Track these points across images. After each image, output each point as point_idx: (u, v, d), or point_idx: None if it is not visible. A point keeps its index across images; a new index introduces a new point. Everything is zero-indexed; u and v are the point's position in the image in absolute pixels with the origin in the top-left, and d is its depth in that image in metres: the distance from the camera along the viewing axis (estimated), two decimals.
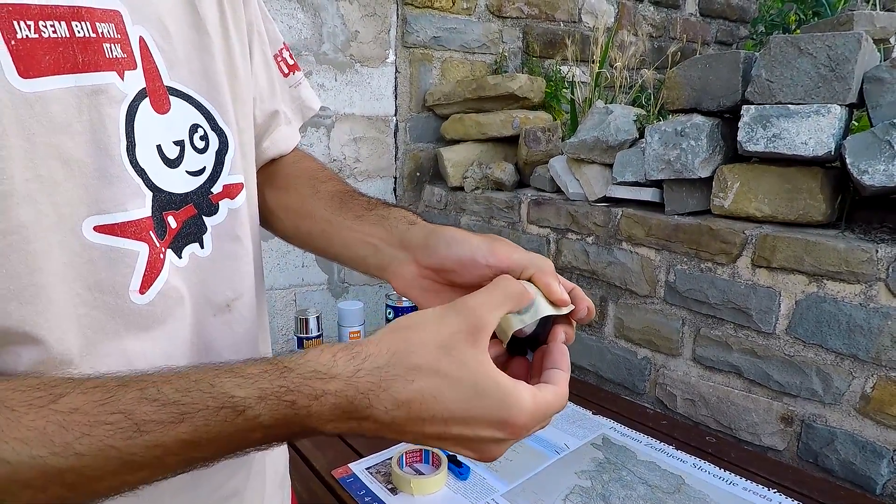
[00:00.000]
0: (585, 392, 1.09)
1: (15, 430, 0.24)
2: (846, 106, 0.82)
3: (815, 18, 1.56)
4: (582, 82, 1.58)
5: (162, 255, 0.33)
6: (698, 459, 0.84)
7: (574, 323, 0.38)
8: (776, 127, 0.85)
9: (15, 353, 0.28)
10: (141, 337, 0.32)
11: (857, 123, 0.99)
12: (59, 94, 0.27)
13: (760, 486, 0.78)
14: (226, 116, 0.38)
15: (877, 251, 0.77)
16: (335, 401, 0.27)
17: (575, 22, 1.87)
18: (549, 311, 0.36)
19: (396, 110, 1.59)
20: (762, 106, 0.87)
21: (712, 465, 0.83)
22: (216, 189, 0.38)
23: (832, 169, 0.88)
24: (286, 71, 0.50)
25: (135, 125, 0.32)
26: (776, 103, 0.86)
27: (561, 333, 0.37)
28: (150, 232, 0.33)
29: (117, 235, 0.31)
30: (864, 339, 0.79)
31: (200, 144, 0.37)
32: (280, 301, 1.50)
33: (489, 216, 1.40)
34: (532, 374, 0.36)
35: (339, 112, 1.50)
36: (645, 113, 1.17)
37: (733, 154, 0.97)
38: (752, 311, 0.90)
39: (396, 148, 1.61)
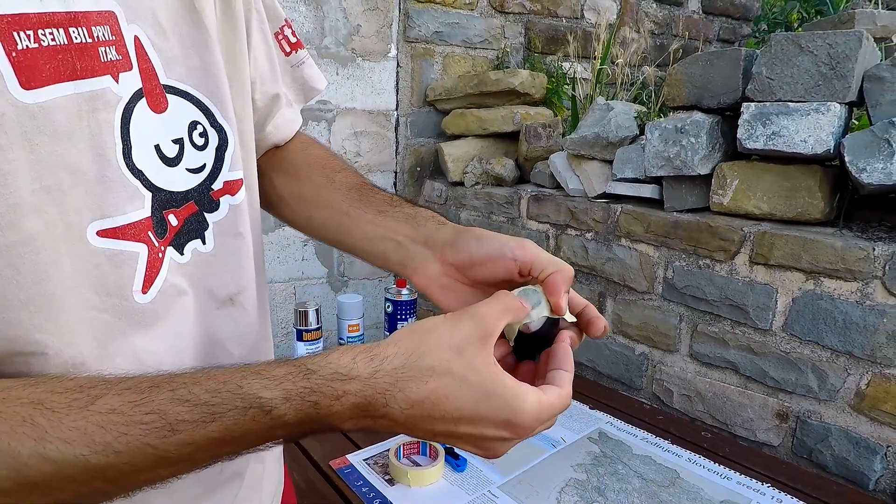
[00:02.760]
0: (583, 387, 1.09)
1: (58, 430, 0.25)
2: (846, 104, 0.83)
3: (818, 16, 1.56)
4: (583, 79, 1.58)
5: (160, 255, 0.34)
6: (693, 454, 0.85)
7: (583, 334, 0.40)
8: (776, 125, 0.86)
9: (25, 364, 0.28)
10: (147, 334, 0.33)
11: (857, 122, 0.99)
12: (60, 102, 0.27)
13: (754, 481, 0.78)
14: (225, 112, 0.38)
15: (874, 249, 0.77)
16: (355, 400, 0.29)
17: (577, 18, 1.87)
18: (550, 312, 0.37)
19: (398, 105, 1.59)
20: (762, 103, 0.87)
21: (707, 460, 0.83)
22: (217, 186, 0.38)
23: (831, 167, 0.88)
24: (288, 49, 0.48)
25: (130, 128, 0.32)
26: (776, 101, 0.86)
27: (566, 337, 0.38)
28: (149, 232, 0.33)
29: (118, 238, 0.31)
30: (860, 336, 0.79)
31: (200, 142, 0.36)
32: (280, 294, 1.51)
33: (489, 211, 1.40)
34: (537, 376, 0.37)
35: (340, 106, 1.50)
36: (646, 110, 1.18)
37: (733, 151, 0.97)
38: (750, 307, 0.91)
39: (397, 143, 1.62)
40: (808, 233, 0.85)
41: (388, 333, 1.15)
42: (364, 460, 0.83)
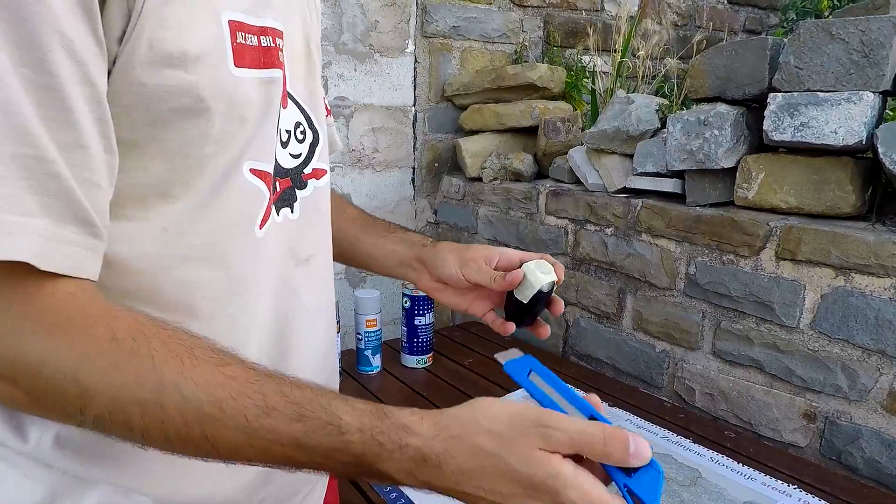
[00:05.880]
0: (601, 384, 1.08)
1: (194, 373, 0.32)
2: (879, 93, 0.79)
3: (850, 4, 1.50)
4: (603, 72, 1.56)
5: (271, 205, 0.45)
6: (716, 453, 0.83)
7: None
8: (804, 115, 0.83)
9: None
10: (253, 261, 0.43)
11: (891, 112, 0.96)
12: (250, 80, 0.40)
13: (780, 482, 0.76)
14: (318, 121, 0.52)
15: None
16: (413, 454, 0.34)
17: (597, 10, 1.84)
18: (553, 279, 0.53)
19: (415, 100, 1.59)
20: (790, 94, 0.85)
21: (730, 460, 0.81)
22: (307, 170, 0.50)
23: (863, 159, 0.85)
24: (325, 113, 0.61)
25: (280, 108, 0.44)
26: (805, 91, 0.84)
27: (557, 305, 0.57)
28: (270, 185, 0.44)
29: (260, 179, 0.43)
30: (893, 334, 0.76)
31: (300, 137, 0.50)
32: None
33: (507, 207, 1.39)
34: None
35: (358, 102, 1.50)
36: (667, 102, 1.15)
37: (759, 144, 0.94)
38: (775, 304, 0.88)
39: (415, 138, 1.61)
40: (838, 227, 0.82)
41: (405, 329, 1.15)
42: None
